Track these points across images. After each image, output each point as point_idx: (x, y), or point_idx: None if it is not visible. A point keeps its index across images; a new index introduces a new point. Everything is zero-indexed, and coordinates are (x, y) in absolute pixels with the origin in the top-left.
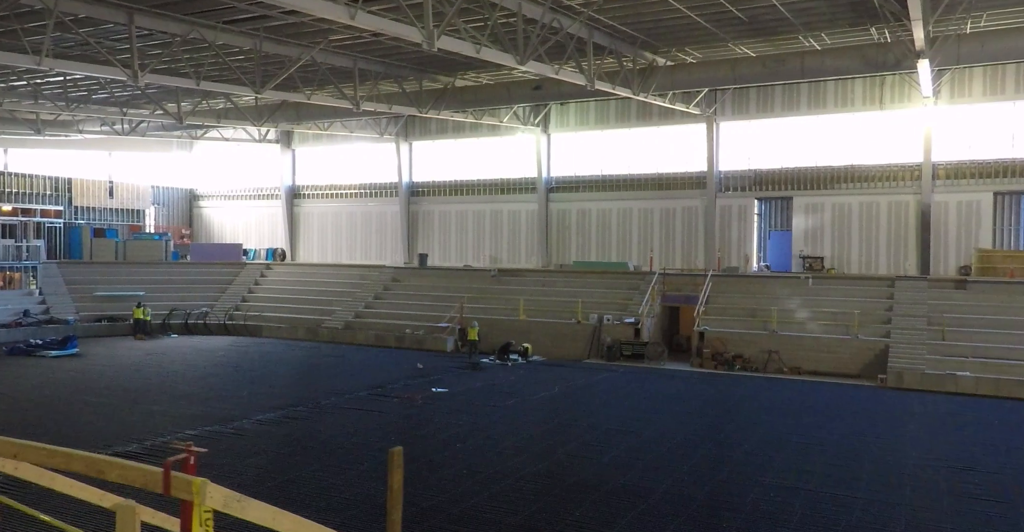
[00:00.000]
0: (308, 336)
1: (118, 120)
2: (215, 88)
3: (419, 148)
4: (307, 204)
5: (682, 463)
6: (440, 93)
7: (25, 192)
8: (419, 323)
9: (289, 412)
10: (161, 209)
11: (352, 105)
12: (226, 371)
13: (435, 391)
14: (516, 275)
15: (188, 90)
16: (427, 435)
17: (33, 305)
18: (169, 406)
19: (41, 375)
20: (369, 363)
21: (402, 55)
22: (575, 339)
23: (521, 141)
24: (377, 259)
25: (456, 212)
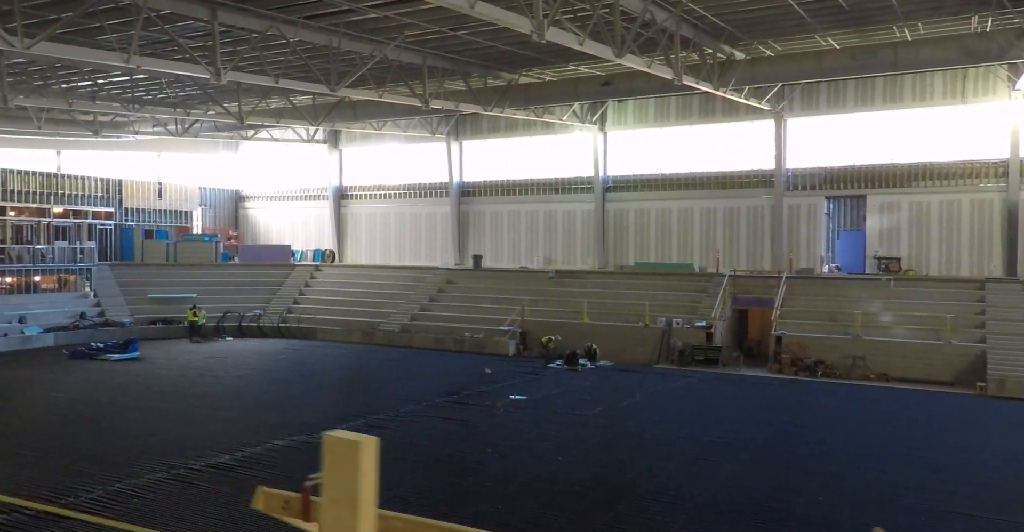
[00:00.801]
0: (363, 339)
1: (171, 121)
2: (293, 86)
3: (469, 147)
4: (354, 205)
5: (809, 481)
6: (504, 90)
7: (77, 194)
8: (477, 326)
9: (370, 420)
10: (208, 210)
11: (421, 103)
12: (291, 376)
13: (514, 398)
14: (575, 277)
15: (248, 89)
16: (521, 446)
17: (88, 307)
18: (246, 413)
19: (109, 380)
20: (433, 368)
21: (470, 51)
22: (642, 343)
23: (577, 139)
24: (427, 261)
25: (508, 212)
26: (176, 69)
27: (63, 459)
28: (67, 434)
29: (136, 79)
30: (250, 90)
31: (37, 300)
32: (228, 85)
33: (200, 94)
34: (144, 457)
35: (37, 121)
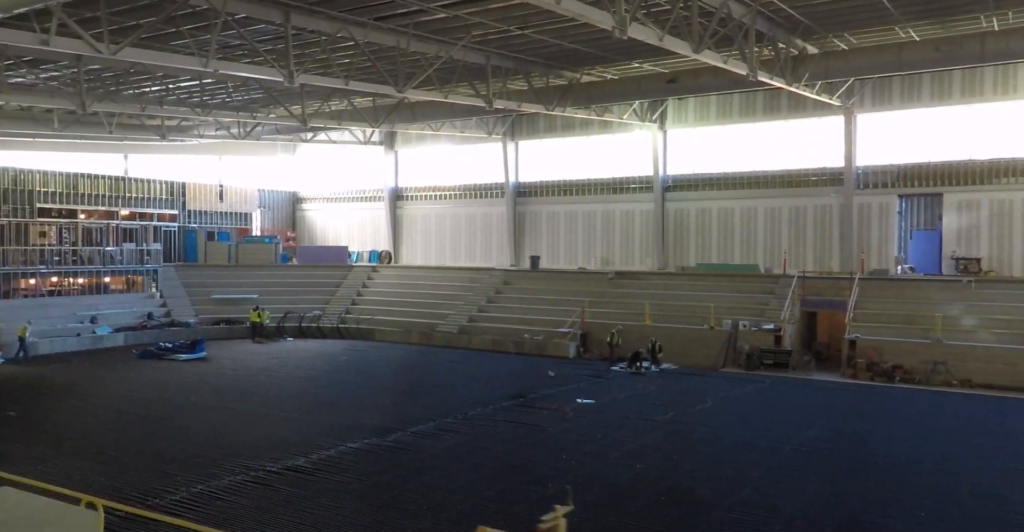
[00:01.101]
0: (422, 340)
1: (234, 124)
2: (362, 88)
3: (525, 147)
4: (409, 206)
5: (903, 493)
6: (565, 89)
7: (143, 197)
8: (536, 328)
9: (440, 424)
10: (266, 212)
11: (485, 103)
12: (355, 377)
13: (581, 402)
14: (635, 278)
15: (311, 92)
16: (596, 453)
17: (155, 308)
18: (316, 415)
19: (179, 380)
20: (495, 370)
21: (534, 50)
22: (707, 346)
23: (635, 138)
24: (482, 261)
25: (565, 213)
26: (251, 72)
27: (144, 459)
28: (145, 434)
29: (204, 83)
30: (313, 92)
31: (107, 301)
32: (291, 88)
33: (263, 97)
34: (222, 459)
35: (108, 126)
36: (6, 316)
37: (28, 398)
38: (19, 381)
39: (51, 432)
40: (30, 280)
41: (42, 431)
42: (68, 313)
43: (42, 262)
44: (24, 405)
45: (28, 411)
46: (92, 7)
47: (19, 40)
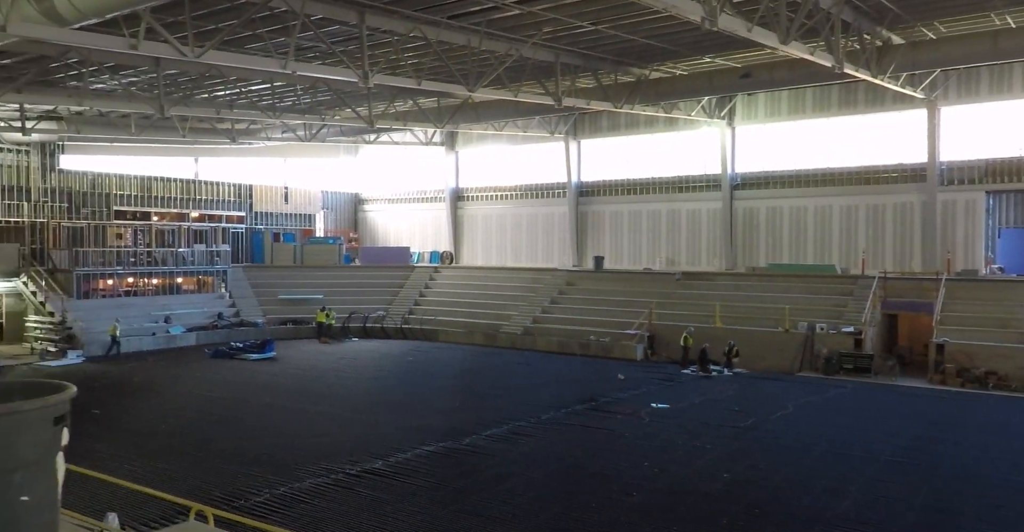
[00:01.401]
0: (486, 341)
1: (300, 126)
2: (433, 88)
3: (588, 146)
4: (470, 206)
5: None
6: (633, 86)
7: (212, 199)
8: (602, 329)
9: (513, 427)
10: (329, 213)
11: (554, 101)
12: (424, 378)
13: (656, 407)
14: (703, 278)
15: (376, 93)
16: (679, 461)
17: (224, 308)
18: (389, 416)
19: (253, 380)
20: (563, 372)
21: (604, 47)
22: (781, 349)
23: (702, 136)
24: (544, 262)
25: (629, 212)
26: (327, 74)
27: (227, 460)
28: (226, 434)
29: (275, 86)
30: (378, 94)
31: (179, 301)
32: (358, 89)
33: (329, 99)
34: (302, 460)
35: (182, 130)
36: (86, 316)
37: (110, 396)
38: (101, 379)
39: (134, 431)
40: (108, 281)
41: (126, 430)
42: (143, 313)
43: (118, 263)
44: (107, 403)
45: (111, 410)
46: (174, 11)
47: (110, 44)
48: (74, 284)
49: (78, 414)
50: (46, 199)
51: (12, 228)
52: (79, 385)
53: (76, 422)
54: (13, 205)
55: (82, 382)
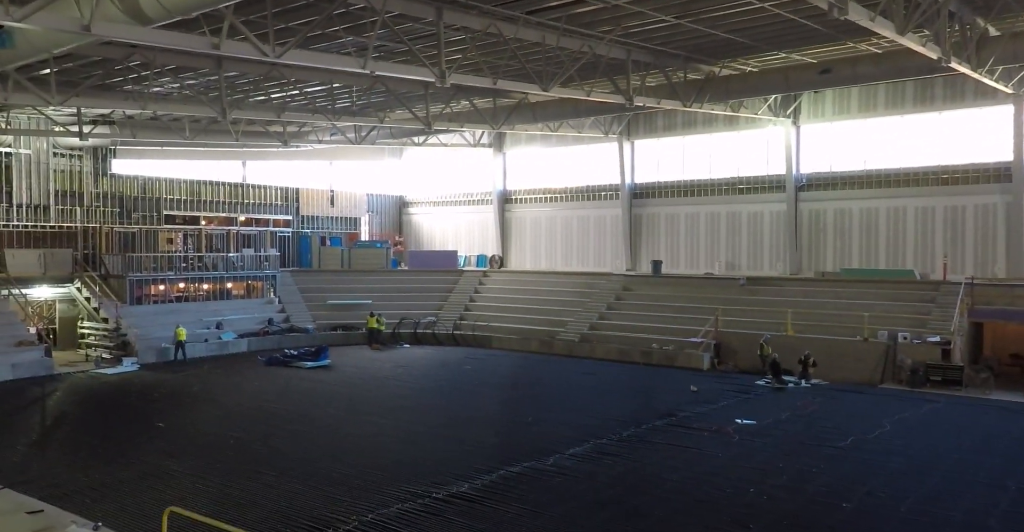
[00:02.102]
0: (542, 349)
1: (350, 128)
2: (509, 87)
3: (642, 147)
4: (518, 208)
5: None
6: (702, 84)
7: (259, 202)
8: (664, 337)
9: (595, 445)
10: (374, 216)
11: (625, 100)
12: (487, 389)
13: (741, 423)
14: (769, 284)
15: (434, 93)
16: (787, 486)
17: (274, 314)
18: (462, 432)
19: (311, 389)
20: (630, 383)
21: (677, 42)
22: (860, 359)
23: (764, 135)
24: (595, 266)
25: (686, 214)
26: (405, 73)
27: (304, 482)
28: (298, 451)
29: (333, 88)
30: (435, 94)
31: (229, 306)
32: (414, 90)
33: (381, 101)
34: (384, 482)
35: (235, 133)
36: (139, 322)
37: (172, 407)
38: (159, 388)
39: (203, 446)
40: (159, 286)
41: (193, 445)
42: (195, 319)
43: (170, 268)
44: (170, 415)
45: (176, 422)
46: (249, 10)
47: (193, 44)
48: (127, 290)
49: (144, 426)
50: (98, 204)
51: (65, 233)
52: (139, 395)
53: (143, 435)
54: (66, 210)
55: (142, 392)
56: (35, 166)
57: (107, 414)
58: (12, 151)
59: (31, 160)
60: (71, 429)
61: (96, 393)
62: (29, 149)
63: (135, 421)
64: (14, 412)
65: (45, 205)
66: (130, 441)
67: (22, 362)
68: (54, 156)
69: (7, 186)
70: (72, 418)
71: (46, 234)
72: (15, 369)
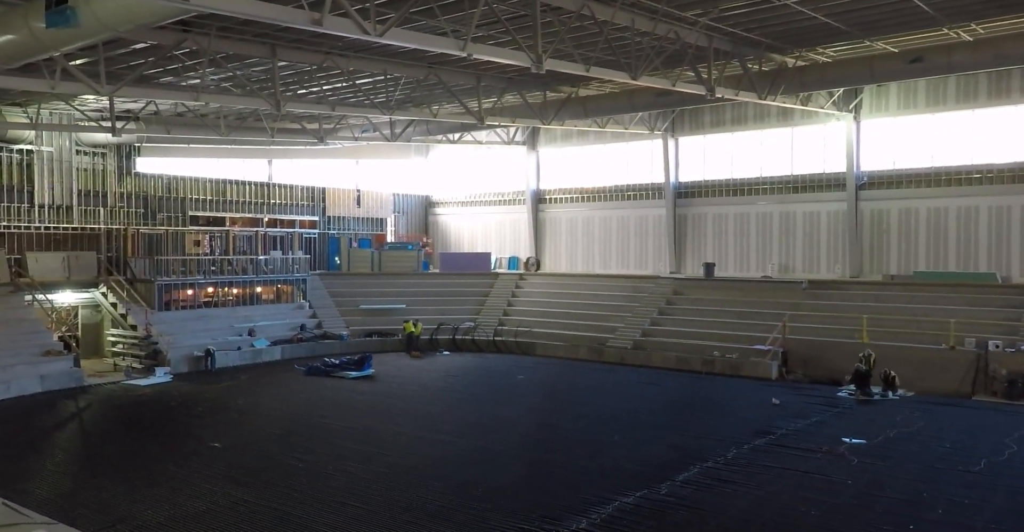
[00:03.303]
0: (591, 356)
1: (385, 125)
2: (601, 74)
3: (688, 144)
4: (552, 209)
5: None
6: (775, 75)
7: (285, 203)
8: (724, 344)
9: (703, 470)
10: (399, 217)
11: (706, 91)
12: (553, 403)
13: (849, 442)
14: (834, 288)
15: (486, 86)
16: (951, 523)
17: (305, 319)
18: (550, 454)
19: (364, 402)
20: (702, 395)
21: (765, 28)
22: (946, 369)
23: (822, 131)
24: (636, 268)
25: (735, 215)
26: (502, 57)
27: (393, 513)
28: (375, 476)
29: (386, 78)
30: (486, 87)
31: (259, 312)
32: (466, 83)
33: (426, 95)
34: (484, 515)
35: (271, 130)
36: (169, 329)
37: (221, 424)
38: (202, 402)
39: (270, 471)
40: (187, 291)
41: (259, 469)
42: (225, 325)
43: (199, 272)
44: (222, 434)
45: (230, 441)
46: None
47: (294, 19)
48: (155, 295)
49: (197, 445)
50: (122, 204)
51: (87, 235)
52: (181, 409)
53: (199, 456)
54: (90, 210)
55: (184, 405)
56: (57, 164)
57: (153, 432)
58: (34, 148)
59: (53, 158)
60: (119, 450)
61: (135, 407)
62: (51, 147)
63: (186, 440)
64: (52, 430)
65: (68, 205)
66: (187, 464)
67: (51, 373)
68: (77, 154)
69: (28, 185)
70: (117, 437)
71: (68, 236)
72: (44, 380)
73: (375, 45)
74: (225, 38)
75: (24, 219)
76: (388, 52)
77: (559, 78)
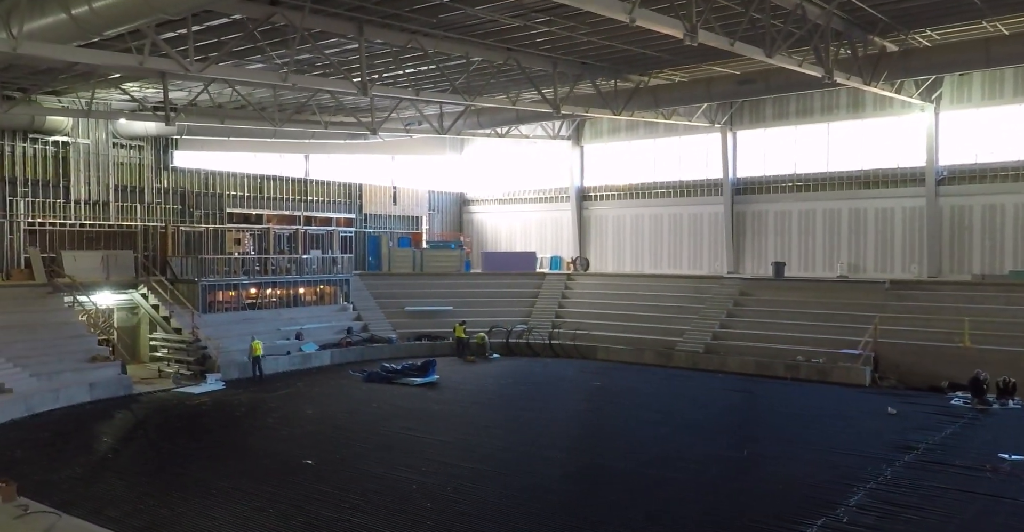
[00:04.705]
0: (659, 360)
1: (435, 117)
2: (744, 51)
3: (746, 138)
4: (597, 206)
5: None
6: (878, 59)
7: (321, 200)
8: (807, 348)
9: (871, 493)
10: (435, 215)
11: (825, 75)
12: (649, 413)
13: (1010, 458)
14: (920, 288)
15: (561, 74)
16: None
17: (350, 321)
18: (683, 473)
19: (446, 413)
20: (805, 404)
21: (886, 3)
22: None
23: (895, 124)
24: (689, 268)
25: (799, 212)
26: (661, 24)
27: None
28: (505, 504)
29: (471, 63)
30: (563, 74)
31: (303, 314)
32: (543, 70)
33: (492, 82)
34: None
35: (323, 123)
36: (214, 332)
37: (301, 437)
38: (270, 413)
39: (387, 495)
40: (229, 292)
41: (373, 492)
42: (271, 328)
43: (244, 272)
44: (306, 447)
45: (322, 458)
46: None
47: None
48: (199, 296)
49: (287, 463)
50: (159, 200)
51: (123, 233)
52: (248, 420)
53: (295, 476)
54: (126, 207)
55: (250, 416)
56: (94, 158)
57: (233, 447)
58: (70, 141)
59: (90, 151)
60: (203, 468)
61: (199, 419)
62: (88, 139)
63: (273, 456)
64: (119, 446)
65: (104, 201)
66: (288, 486)
67: (99, 380)
68: (113, 147)
69: (64, 180)
70: (194, 454)
71: (102, 234)
72: (93, 389)
73: (461, 23)
74: (315, 13)
75: (59, 215)
76: (473, 32)
77: (631, 64)
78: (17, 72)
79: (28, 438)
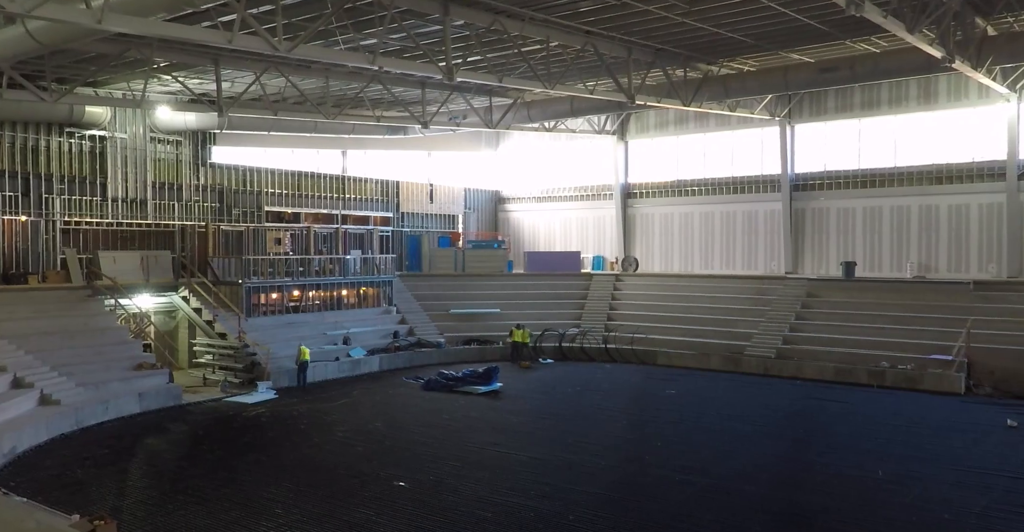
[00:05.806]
0: (727, 366)
1: (483, 110)
2: (889, 26)
3: (803, 132)
4: (643, 204)
5: None
6: (981, 40)
7: (359, 197)
8: (890, 353)
9: None
10: (470, 213)
11: (943, 58)
12: (743, 425)
13: None
14: (1006, 290)
15: (636, 60)
16: None
17: (395, 325)
18: (827, 498)
19: (524, 425)
20: (908, 415)
21: None
22: None
23: (971, 115)
24: (744, 268)
25: (863, 209)
26: None
27: None
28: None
29: (552, 49)
30: (637, 61)
31: (348, 317)
32: (618, 57)
33: (566, 71)
34: None
35: (376, 117)
36: (260, 337)
37: (381, 455)
38: (333, 425)
39: (503, 523)
40: (272, 294)
41: (487, 522)
42: (316, 332)
43: (287, 273)
44: (389, 466)
45: (415, 479)
46: None
47: None
48: (243, 299)
49: (376, 484)
50: (197, 198)
51: (161, 232)
52: (315, 434)
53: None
54: (164, 205)
55: (316, 430)
56: (131, 153)
57: (312, 466)
58: (107, 135)
59: (127, 146)
60: (285, 491)
61: (260, 431)
62: (125, 133)
63: (359, 477)
64: (186, 464)
65: (142, 199)
66: (389, 513)
67: (147, 390)
68: (151, 142)
69: (101, 177)
70: (270, 474)
71: (138, 233)
72: (142, 399)
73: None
74: None
75: (96, 214)
76: (556, 10)
77: (706, 51)
78: (63, 59)
79: (86, 455)
